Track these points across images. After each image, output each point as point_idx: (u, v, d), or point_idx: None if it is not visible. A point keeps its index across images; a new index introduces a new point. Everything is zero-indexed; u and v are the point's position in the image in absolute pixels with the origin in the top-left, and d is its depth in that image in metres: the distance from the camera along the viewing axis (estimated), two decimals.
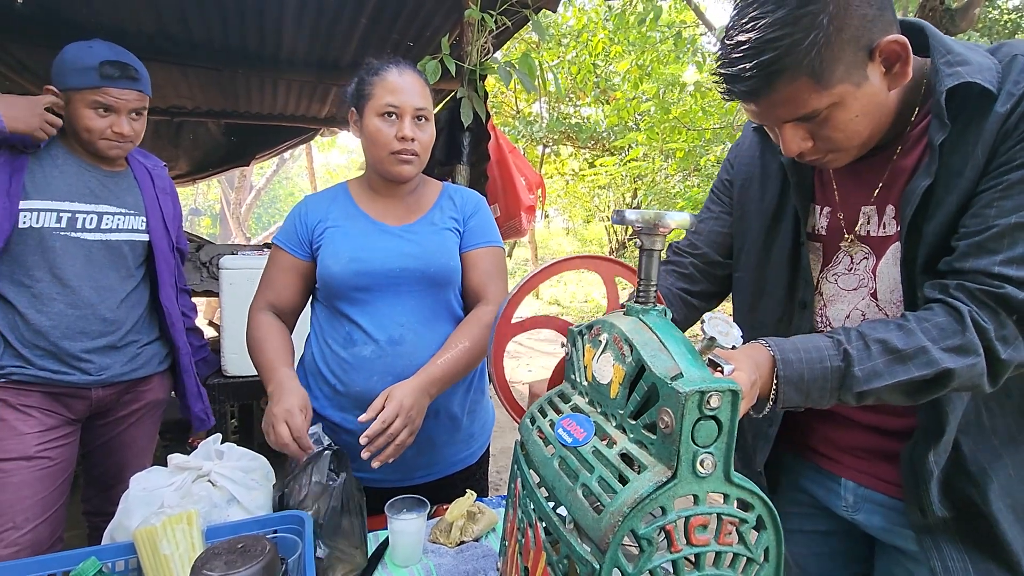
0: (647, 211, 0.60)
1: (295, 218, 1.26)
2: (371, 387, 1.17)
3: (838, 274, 0.89)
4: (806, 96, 0.70)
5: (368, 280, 1.18)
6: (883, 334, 0.71)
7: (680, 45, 5.41)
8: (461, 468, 1.30)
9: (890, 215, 0.82)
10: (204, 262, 2.84)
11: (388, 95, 1.16)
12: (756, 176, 0.98)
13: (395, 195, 1.27)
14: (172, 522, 0.84)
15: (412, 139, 1.17)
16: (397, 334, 1.19)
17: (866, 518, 0.92)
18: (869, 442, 0.90)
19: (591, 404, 0.68)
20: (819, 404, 0.73)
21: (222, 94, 3.79)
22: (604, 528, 0.53)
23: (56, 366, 1.37)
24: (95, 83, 1.34)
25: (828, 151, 0.78)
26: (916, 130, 0.79)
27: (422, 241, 1.22)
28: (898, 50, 0.70)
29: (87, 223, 1.40)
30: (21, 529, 1.30)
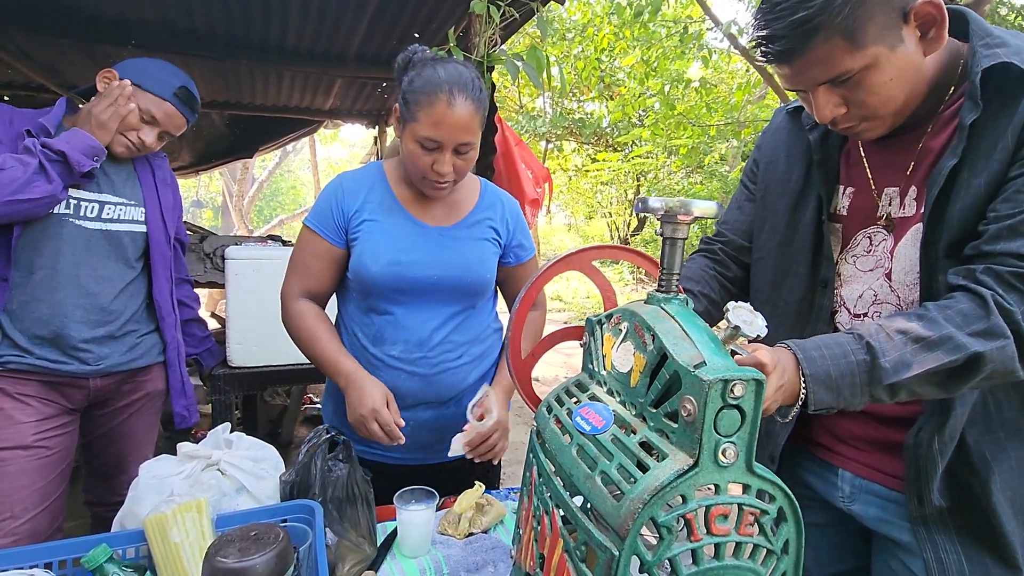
0: (671, 198, 0.60)
1: (330, 201, 1.21)
2: (397, 384, 1.19)
3: (857, 256, 0.89)
4: (840, 56, 0.71)
5: (406, 285, 1.17)
6: (904, 325, 0.70)
7: (686, 40, 5.39)
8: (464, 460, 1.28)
9: (912, 196, 0.82)
10: (208, 253, 2.83)
11: (431, 129, 1.07)
12: (782, 157, 0.99)
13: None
14: (182, 510, 0.84)
15: (447, 173, 1.12)
16: (427, 336, 1.19)
17: (862, 509, 0.92)
18: (867, 431, 0.90)
19: (610, 393, 0.67)
20: (852, 403, 0.71)
21: (225, 85, 3.78)
22: (624, 515, 0.52)
23: (54, 355, 1.36)
24: (164, 95, 1.40)
25: (862, 118, 0.77)
26: (948, 111, 0.78)
27: (462, 249, 1.21)
28: (933, 13, 0.70)
29: (89, 211, 1.39)
30: (19, 519, 1.30)
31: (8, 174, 1.19)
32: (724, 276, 1.07)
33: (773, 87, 4.98)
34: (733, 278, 1.08)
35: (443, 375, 1.21)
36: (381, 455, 1.25)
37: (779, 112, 1.05)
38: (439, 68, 1.09)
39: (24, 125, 1.31)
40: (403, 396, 1.19)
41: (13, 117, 1.32)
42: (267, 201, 18.30)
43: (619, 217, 12.48)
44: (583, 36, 7.07)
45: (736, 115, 6.16)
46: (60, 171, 1.26)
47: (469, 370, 1.24)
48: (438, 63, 1.11)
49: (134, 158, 1.51)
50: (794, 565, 0.57)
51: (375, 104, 4.30)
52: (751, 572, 0.54)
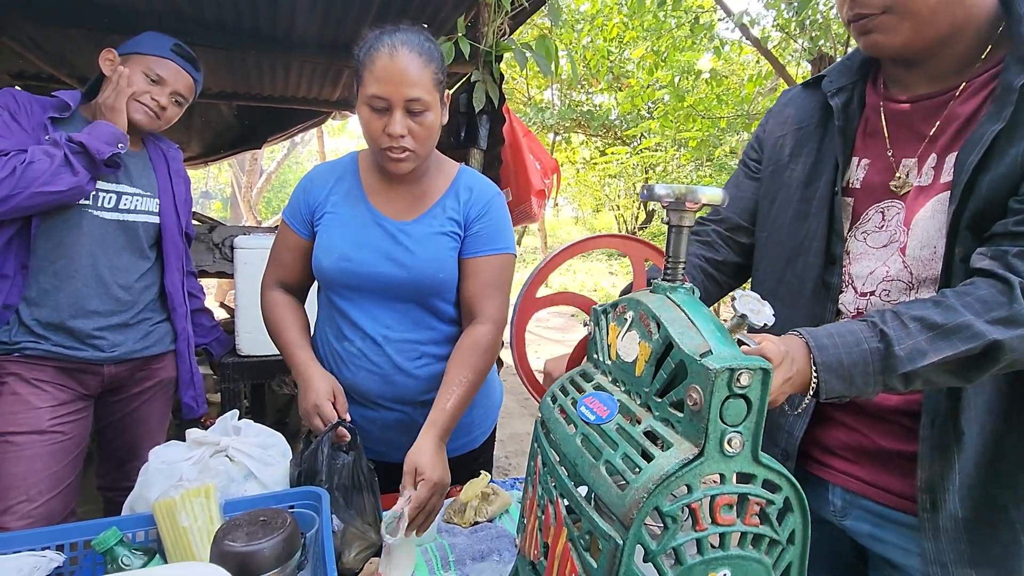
0: (677, 185, 0.59)
1: (300, 193, 1.22)
2: (357, 381, 1.18)
3: (867, 232, 0.85)
4: None
5: (356, 280, 1.16)
6: (919, 312, 0.68)
7: (698, 31, 5.33)
8: (463, 453, 1.30)
9: (930, 164, 0.78)
10: (217, 243, 2.84)
11: (375, 84, 1.01)
12: (792, 131, 0.95)
13: (403, 182, 1.18)
14: (190, 495, 0.85)
15: (402, 135, 1.04)
16: (382, 335, 1.17)
17: (854, 524, 0.88)
18: (857, 440, 0.86)
19: (615, 383, 0.67)
20: (864, 392, 0.69)
21: (233, 76, 3.78)
22: (628, 504, 0.52)
23: (70, 342, 1.38)
24: (163, 53, 1.41)
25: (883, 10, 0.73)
26: (982, 77, 0.74)
27: (415, 247, 1.15)
28: None
29: (106, 202, 1.40)
30: (34, 502, 1.32)
31: (37, 167, 1.22)
32: (711, 262, 1.03)
33: (785, 78, 4.91)
34: (721, 262, 1.04)
35: (402, 375, 1.18)
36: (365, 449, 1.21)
37: (785, 94, 1.02)
38: (385, 30, 1.06)
39: (45, 110, 1.32)
40: (366, 394, 1.19)
41: (32, 104, 1.33)
42: (275, 192, 18.34)
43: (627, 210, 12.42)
44: (592, 26, 7.01)
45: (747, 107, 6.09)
46: (84, 163, 1.27)
47: (430, 371, 1.19)
48: (386, 29, 1.07)
49: (149, 149, 1.52)
50: (800, 556, 0.57)
51: None
52: (756, 562, 0.54)
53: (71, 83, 3.34)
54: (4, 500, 1.31)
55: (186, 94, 1.48)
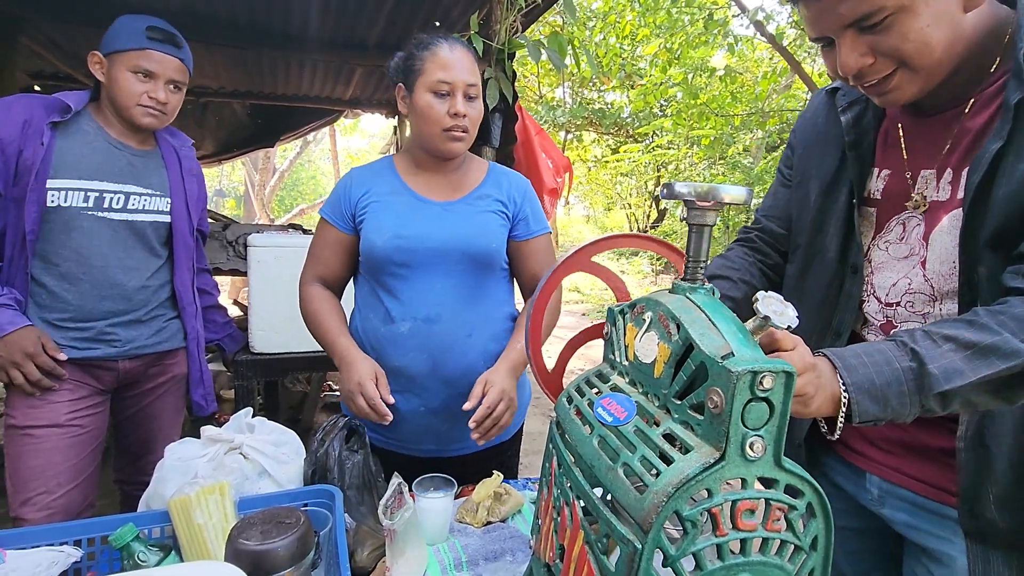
0: (699, 184, 0.58)
1: (340, 191, 1.27)
2: (407, 363, 1.20)
3: (889, 242, 0.84)
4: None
5: (409, 256, 1.19)
6: (951, 331, 0.66)
7: (711, 27, 5.27)
8: (493, 445, 1.31)
9: (947, 179, 0.77)
10: (231, 241, 2.87)
11: (440, 71, 1.15)
12: (818, 140, 0.94)
13: (440, 171, 1.27)
14: (205, 492, 0.85)
15: (464, 115, 1.17)
16: (434, 312, 1.20)
17: (891, 513, 0.89)
18: (897, 433, 0.86)
19: (632, 384, 0.66)
20: (901, 415, 0.65)
21: (247, 74, 3.81)
22: (647, 508, 0.51)
23: (83, 342, 1.39)
24: (140, 44, 1.36)
25: (896, 68, 0.71)
26: (991, 88, 0.73)
27: (465, 220, 1.23)
28: None
29: (114, 203, 1.41)
30: (54, 493, 1.34)
31: None
32: (765, 264, 1.04)
33: (800, 75, 4.85)
34: (774, 265, 1.05)
35: (452, 353, 1.21)
36: (396, 445, 1.27)
37: (817, 95, 1.00)
38: (434, 34, 1.21)
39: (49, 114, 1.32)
40: (413, 376, 1.21)
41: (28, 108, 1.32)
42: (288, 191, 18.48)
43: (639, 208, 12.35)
44: (604, 23, 6.97)
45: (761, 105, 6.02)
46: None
47: (479, 349, 1.23)
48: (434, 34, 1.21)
49: (161, 146, 1.53)
50: (823, 562, 0.55)
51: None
52: (778, 568, 0.53)
53: (87, 82, 3.38)
54: (24, 492, 1.33)
55: (180, 78, 1.43)
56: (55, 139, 1.33)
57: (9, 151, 1.29)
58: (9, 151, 1.29)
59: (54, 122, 1.32)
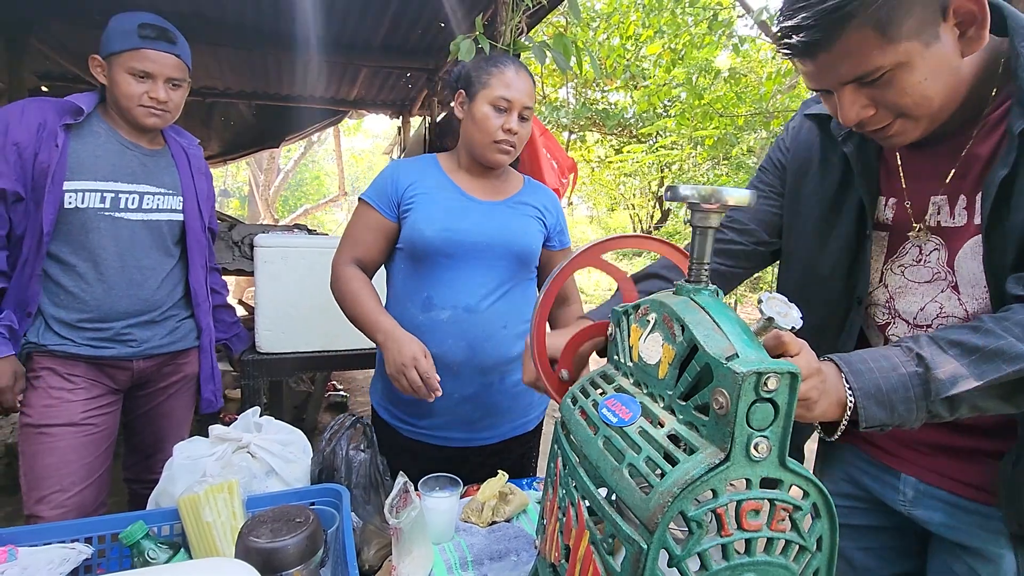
0: (703, 186, 0.58)
1: (387, 179, 1.32)
2: (445, 350, 1.26)
3: (904, 265, 0.84)
4: (870, 50, 0.66)
5: (456, 248, 1.25)
6: (957, 336, 0.66)
7: (716, 27, 5.27)
8: (520, 433, 1.38)
9: (962, 205, 0.77)
10: (236, 241, 2.88)
11: (504, 88, 1.24)
12: (815, 164, 0.93)
13: (483, 175, 1.34)
14: (214, 491, 0.86)
15: (515, 132, 1.25)
16: (473, 302, 1.26)
17: (926, 514, 0.88)
18: (932, 437, 0.85)
19: (636, 385, 0.67)
20: (908, 420, 0.66)
21: (253, 76, 3.83)
22: (653, 508, 0.52)
23: (99, 342, 1.41)
24: (134, 44, 1.35)
25: (895, 118, 0.72)
26: (994, 115, 0.73)
27: (509, 219, 1.31)
28: (974, 10, 0.65)
29: (129, 203, 1.42)
30: (68, 492, 1.36)
31: None
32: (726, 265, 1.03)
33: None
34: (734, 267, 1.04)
35: (489, 342, 1.27)
36: (425, 434, 1.31)
37: (807, 105, 0.98)
38: (500, 56, 1.31)
39: (61, 116, 1.34)
40: (449, 364, 1.26)
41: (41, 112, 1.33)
42: (292, 191, 18.53)
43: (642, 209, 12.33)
44: (608, 24, 6.96)
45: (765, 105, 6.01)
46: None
47: (512, 342, 1.30)
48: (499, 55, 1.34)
49: (171, 146, 1.54)
50: (827, 562, 0.56)
51: (399, 94, 4.31)
52: (783, 568, 0.54)
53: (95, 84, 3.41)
54: (39, 490, 1.34)
55: (178, 75, 1.41)
56: (69, 141, 1.35)
57: (26, 155, 1.30)
58: (26, 155, 1.30)
59: (67, 124, 1.34)
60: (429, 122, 3.70)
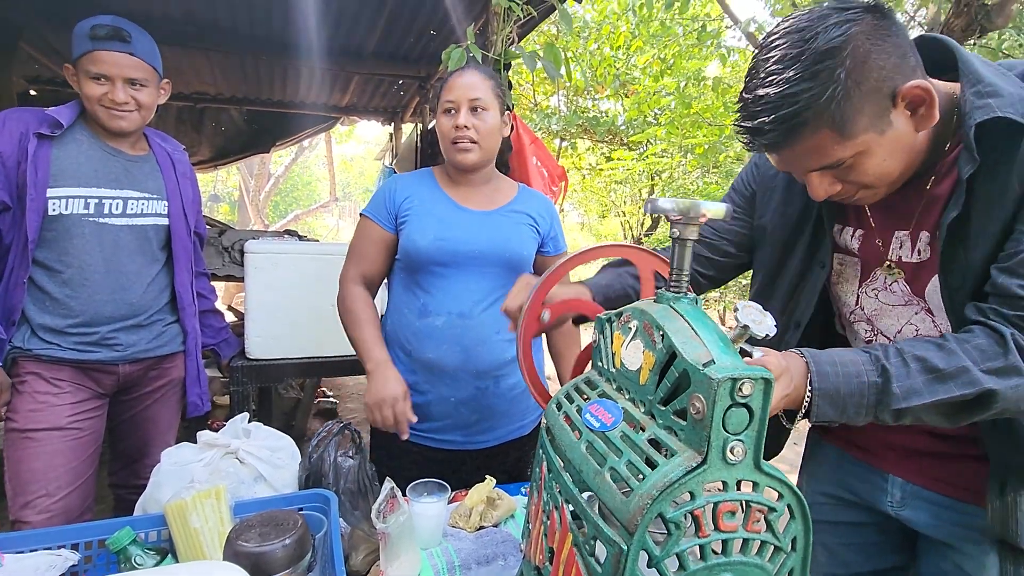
0: (682, 199, 0.60)
1: (385, 193, 1.36)
2: (440, 355, 1.29)
3: (877, 290, 0.87)
4: (830, 147, 0.70)
5: (450, 257, 1.28)
6: (922, 352, 0.70)
7: (704, 38, 5.34)
8: (517, 437, 1.40)
9: (925, 241, 0.80)
10: (226, 247, 2.87)
11: (448, 94, 1.28)
12: (781, 188, 0.97)
13: (472, 184, 1.36)
14: (201, 497, 0.87)
15: (466, 127, 1.26)
16: (467, 309, 1.29)
17: (913, 514, 0.91)
18: (921, 443, 0.89)
19: (619, 391, 0.68)
20: (854, 421, 0.71)
21: (245, 81, 3.83)
22: (633, 510, 0.54)
23: (85, 346, 1.41)
24: (88, 47, 1.33)
25: (858, 190, 0.77)
26: (950, 158, 0.77)
27: (501, 228, 1.33)
28: (922, 95, 0.69)
29: (113, 208, 1.42)
30: (53, 496, 1.35)
31: None
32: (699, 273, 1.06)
33: None
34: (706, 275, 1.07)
35: (483, 347, 1.29)
36: (422, 436, 1.33)
37: None
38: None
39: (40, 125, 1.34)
40: (445, 368, 1.29)
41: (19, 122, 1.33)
42: (283, 196, 18.44)
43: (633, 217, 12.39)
44: (599, 34, 7.03)
45: None
46: None
47: (506, 347, 1.32)
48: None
49: (155, 151, 1.54)
50: (801, 562, 0.57)
51: (391, 101, 4.33)
52: (758, 568, 0.55)
53: None
54: (24, 495, 1.34)
55: (137, 75, 1.37)
56: (52, 149, 1.35)
57: (10, 164, 1.31)
58: (10, 164, 1.31)
59: (41, 134, 1.33)
60: (421, 130, 3.72)
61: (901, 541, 0.98)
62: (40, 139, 1.33)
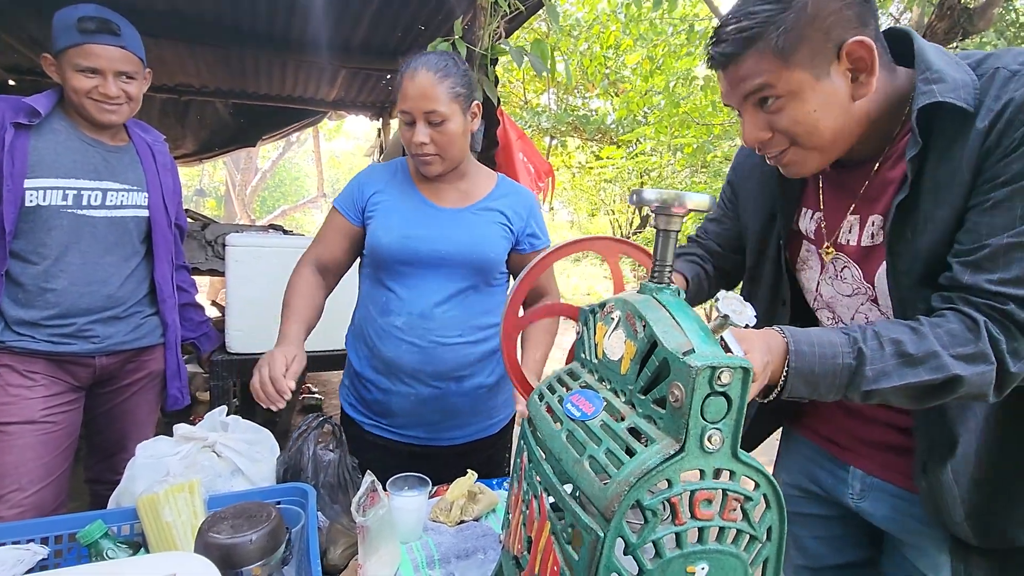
0: (666, 191, 0.60)
1: (356, 184, 1.33)
2: (399, 355, 1.26)
3: (832, 277, 0.90)
4: (767, 69, 0.73)
5: (414, 257, 1.24)
6: (898, 335, 0.71)
7: (693, 38, 5.37)
8: (486, 435, 1.38)
9: (877, 225, 0.82)
10: (209, 241, 2.84)
11: (402, 100, 1.19)
12: (756, 177, 1.00)
13: (446, 180, 1.31)
14: (174, 491, 0.85)
15: (424, 143, 1.19)
16: (428, 310, 1.25)
17: (871, 506, 0.92)
18: (884, 436, 0.90)
19: (600, 381, 0.68)
20: (824, 398, 0.73)
21: (230, 74, 3.78)
22: (610, 497, 0.53)
23: (60, 338, 1.38)
24: (76, 40, 1.30)
25: (789, 145, 0.78)
26: (901, 142, 0.78)
27: (470, 228, 1.27)
28: (864, 56, 0.71)
29: (92, 200, 1.39)
30: (26, 491, 1.32)
31: None
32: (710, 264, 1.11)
33: None
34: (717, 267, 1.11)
35: (440, 349, 1.26)
36: (391, 431, 1.31)
37: None
38: (415, 56, 1.21)
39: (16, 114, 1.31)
40: (404, 367, 1.26)
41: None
42: (270, 191, 18.27)
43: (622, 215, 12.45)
44: (589, 33, 7.04)
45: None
46: None
47: (468, 349, 1.28)
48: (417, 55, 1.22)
49: (135, 142, 1.52)
50: (776, 551, 0.58)
51: (379, 95, 4.30)
52: (734, 557, 0.55)
53: None
54: None
55: (128, 68, 1.36)
56: (29, 139, 1.32)
57: None
58: None
59: (18, 123, 1.30)
60: None
61: (865, 536, 0.99)
62: (17, 128, 1.30)
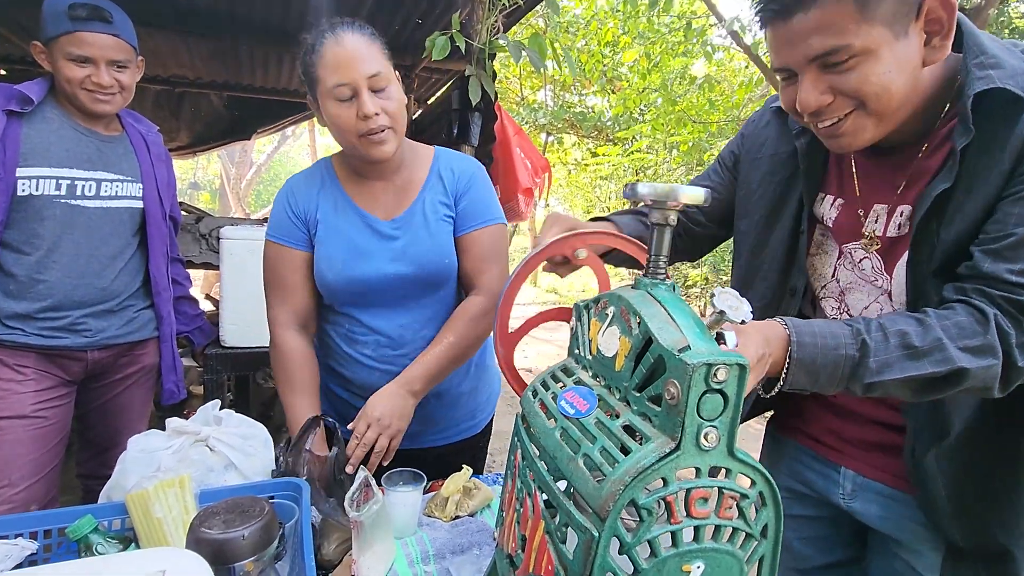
0: (660, 184, 0.60)
1: (285, 208, 1.18)
2: (374, 380, 1.19)
3: (854, 262, 0.87)
4: (845, 24, 0.65)
5: (364, 287, 1.16)
6: (903, 326, 0.69)
7: (690, 36, 5.36)
8: (467, 436, 1.34)
9: (906, 215, 0.79)
10: (204, 234, 2.82)
11: (332, 74, 1.02)
12: (767, 157, 0.96)
13: (381, 176, 1.18)
14: (164, 486, 0.84)
15: (376, 113, 1.04)
16: (396, 334, 1.19)
17: (863, 507, 0.92)
18: (873, 435, 0.90)
19: (595, 377, 0.67)
20: (825, 390, 0.71)
21: (225, 66, 3.75)
22: (604, 496, 0.53)
23: (51, 332, 1.36)
24: (67, 28, 1.28)
25: (852, 109, 0.71)
26: (944, 129, 0.76)
27: (415, 240, 1.16)
28: (943, 17, 0.67)
29: (86, 190, 1.38)
30: (16, 487, 1.31)
31: None
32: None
33: (774, 85, 4.96)
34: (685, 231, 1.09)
35: None
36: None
37: (768, 108, 1.00)
38: (319, 29, 1.07)
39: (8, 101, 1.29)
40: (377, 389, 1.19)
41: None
42: (265, 185, 18.17)
43: None
44: (587, 30, 7.02)
45: (737, 112, 6.14)
46: None
47: None
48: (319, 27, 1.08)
49: (129, 133, 1.50)
50: (772, 549, 0.57)
51: None
52: (729, 555, 0.55)
53: None
54: None
55: (120, 56, 1.34)
56: (21, 127, 1.30)
57: None
58: None
59: (11, 111, 1.29)
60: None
61: (851, 535, 0.99)
62: (9, 116, 1.28)
